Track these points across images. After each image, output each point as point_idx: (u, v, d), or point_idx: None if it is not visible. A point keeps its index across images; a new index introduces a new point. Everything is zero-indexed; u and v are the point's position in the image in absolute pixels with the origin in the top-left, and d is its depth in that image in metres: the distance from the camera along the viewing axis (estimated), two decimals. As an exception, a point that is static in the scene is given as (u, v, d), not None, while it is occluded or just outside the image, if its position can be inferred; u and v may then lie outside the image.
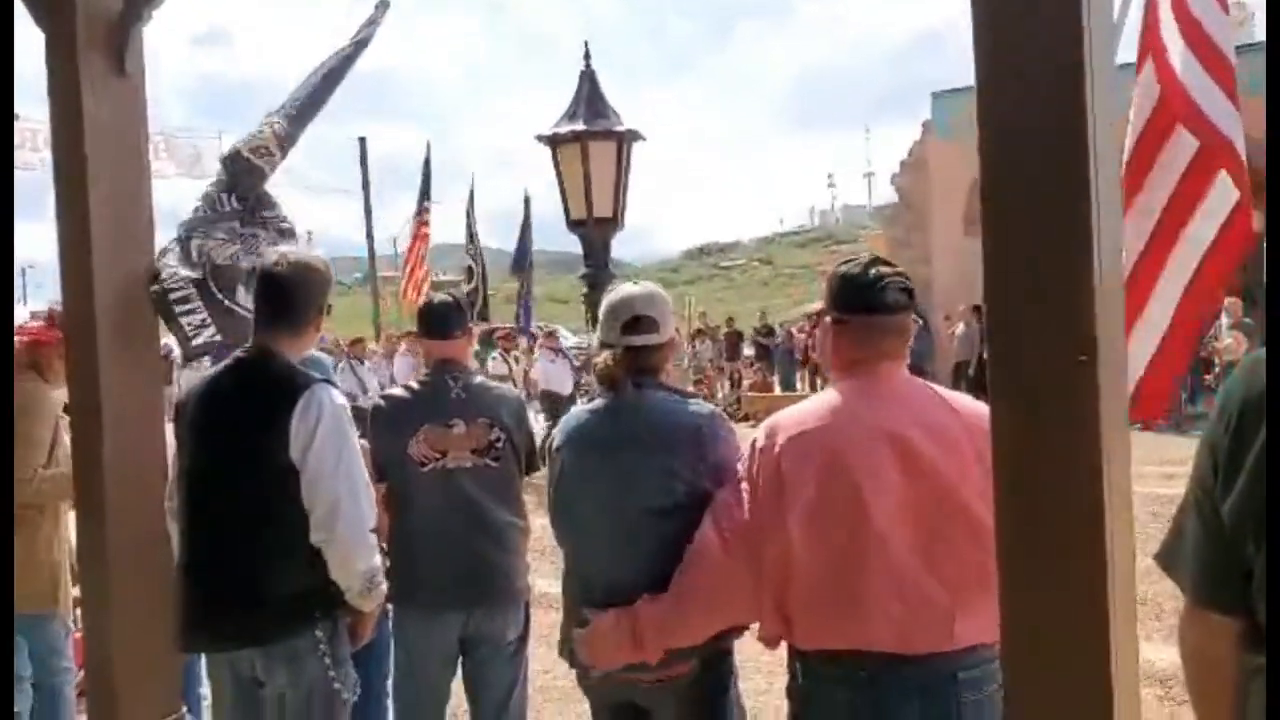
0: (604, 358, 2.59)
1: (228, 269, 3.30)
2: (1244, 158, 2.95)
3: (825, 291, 2.35)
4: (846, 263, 2.35)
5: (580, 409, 2.74)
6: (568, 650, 2.58)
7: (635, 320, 2.59)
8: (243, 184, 3.46)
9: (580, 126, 4.49)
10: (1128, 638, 1.56)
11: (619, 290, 2.71)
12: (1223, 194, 2.93)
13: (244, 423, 2.67)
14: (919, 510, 2.12)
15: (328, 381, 2.76)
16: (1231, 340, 13.97)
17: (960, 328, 17.11)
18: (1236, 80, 3.01)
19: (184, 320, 3.16)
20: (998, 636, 1.65)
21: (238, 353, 2.82)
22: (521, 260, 17.36)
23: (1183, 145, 2.97)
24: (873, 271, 2.27)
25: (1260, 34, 19.25)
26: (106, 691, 2.82)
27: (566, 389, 13.63)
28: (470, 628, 3.38)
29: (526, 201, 17.03)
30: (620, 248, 5.03)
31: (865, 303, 2.25)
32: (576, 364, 13.85)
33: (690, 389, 12.06)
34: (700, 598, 2.31)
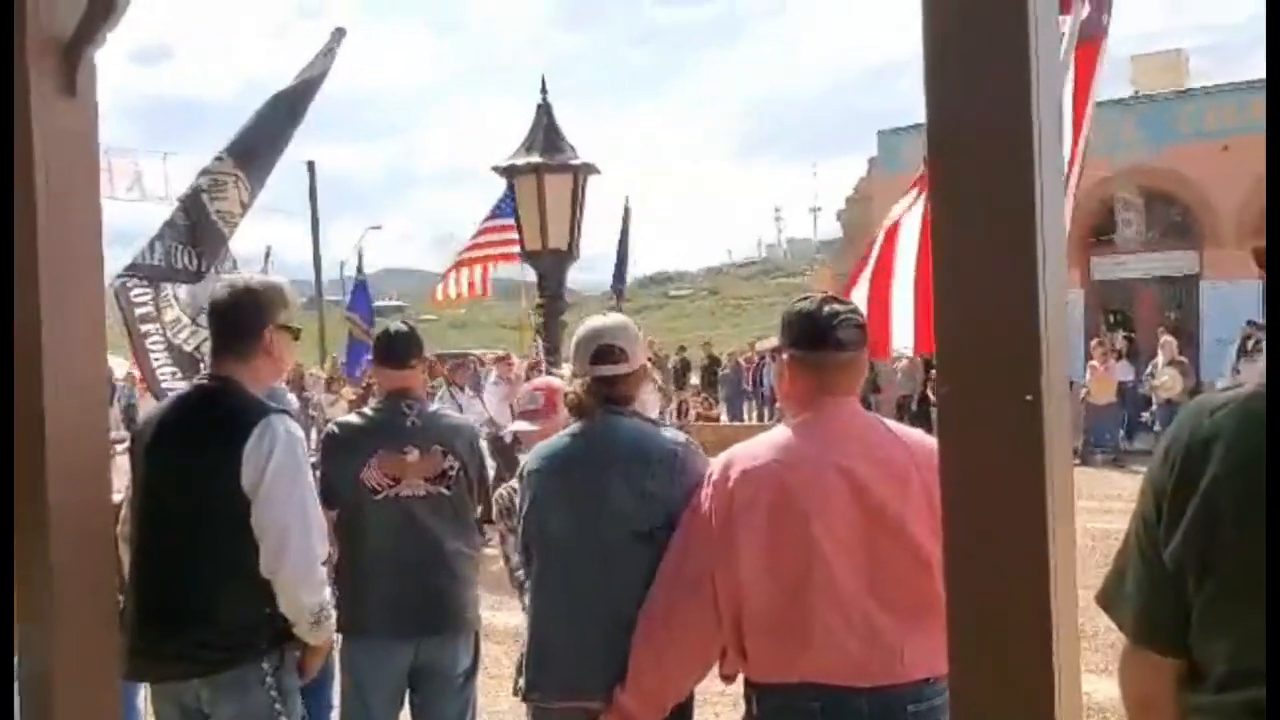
0: (574, 387, 2.62)
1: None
2: None
3: (781, 329, 2.39)
4: (802, 301, 2.39)
5: (554, 437, 2.74)
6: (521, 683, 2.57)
7: (603, 350, 2.63)
8: (205, 241, 3.46)
9: (537, 159, 4.53)
10: (1071, 669, 1.60)
11: (588, 322, 2.75)
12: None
13: (197, 451, 2.63)
14: (867, 543, 2.15)
15: (284, 412, 2.73)
16: (1168, 378, 14.31)
17: (903, 362, 17.30)
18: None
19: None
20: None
21: (197, 380, 2.79)
22: (618, 275, 15.21)
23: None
24: (826, 309, 2.31)
25: (1195, 82, 19.83)
26: (43, 712, 2.74)
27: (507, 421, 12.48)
28: (420, 658, 3.34)
29: (626, 211, 14.66)
30: (570, 275, 5.09)
31: (820, 340, 2.29)
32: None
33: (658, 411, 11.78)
34: (677, 649, 2.31)
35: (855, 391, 2.35)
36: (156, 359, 3.66)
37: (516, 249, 13.17)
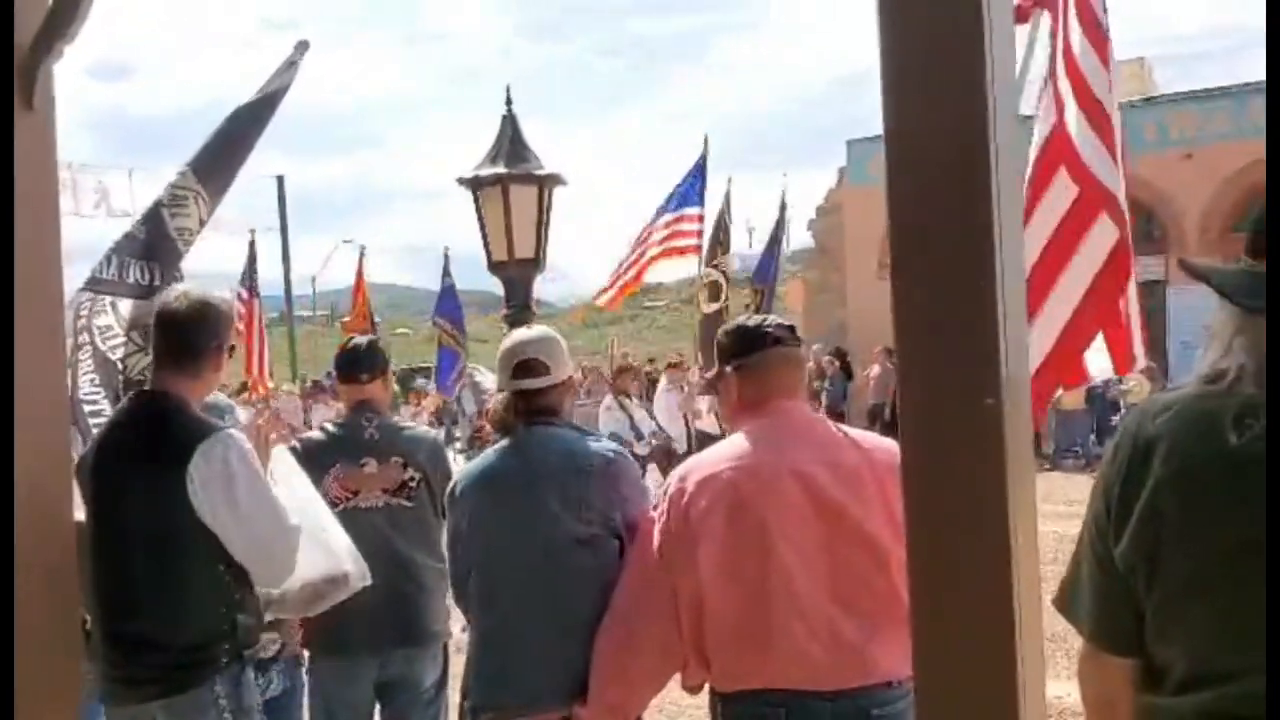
0: (495, 402, 2.70)
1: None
2: (1123, 205, 3.12)
3: (717, 353, 2.47)
4: (729, 323, 2.56)
5: (481, 455, 2.78)
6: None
7: (523, 364, 2.66)
8: (160, 257, 3.42)
9: (502, 169, 4.52)
10: (1035, 673, 1.60)
11: (512, 336, 2.80)
12: (1101, 234, 3.11)
13: (145, 469, 2.56)
14: (827, 546, 2.18)
15: (227, 426, 2.68)
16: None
17: (875, 370, 17.35)
18: (1117, 138, 3.18)
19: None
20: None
21: (133, 394, 2.74)
22: (765, 271, 13.90)
23: (1061, 190, 3.13)
24: (755, 318, 2.52)
25: (1158, 89, 20.07)
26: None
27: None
28: (388, 672, 3.32)
29: (783, 207, 13.59)
30: (544, 286, 5.07)
31: (756, 343, 2.38)
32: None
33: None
34: (640, 661, 2.33)
35: (800, 393, 2.46)
36: (84, 369, 3.50)
37: (691, 241, 12.19)
